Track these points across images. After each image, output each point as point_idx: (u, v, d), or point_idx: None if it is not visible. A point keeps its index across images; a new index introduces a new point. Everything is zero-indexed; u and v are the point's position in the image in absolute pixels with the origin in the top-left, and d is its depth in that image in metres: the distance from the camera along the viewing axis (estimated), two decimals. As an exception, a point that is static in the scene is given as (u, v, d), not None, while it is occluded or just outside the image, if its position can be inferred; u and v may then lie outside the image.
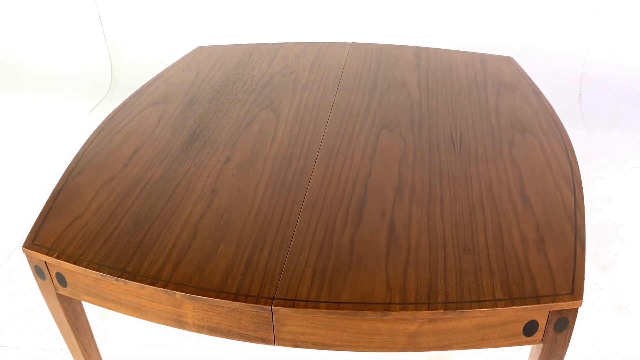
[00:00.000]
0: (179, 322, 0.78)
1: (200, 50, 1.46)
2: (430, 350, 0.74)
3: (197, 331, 0.77)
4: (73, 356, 0.96)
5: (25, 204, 2.20)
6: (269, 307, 0.71)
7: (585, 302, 1.60)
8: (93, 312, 1.10)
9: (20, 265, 1.83)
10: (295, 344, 0.75)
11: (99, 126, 1.13)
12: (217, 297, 0.72)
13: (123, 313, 0.81)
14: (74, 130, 2.64)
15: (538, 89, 1.22)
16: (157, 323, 0.79)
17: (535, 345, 0.79)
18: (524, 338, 0.74)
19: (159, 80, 1.30)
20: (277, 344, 0.75)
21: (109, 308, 0.82)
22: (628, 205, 2.00)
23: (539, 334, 0.74)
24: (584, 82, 2.52)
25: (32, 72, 2.97)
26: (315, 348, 0.75)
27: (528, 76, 1.28)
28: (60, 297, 0.86)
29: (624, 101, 2.54)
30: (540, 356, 0.76)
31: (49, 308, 0.89)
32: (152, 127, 1.11)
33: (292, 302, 0.71)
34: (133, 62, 2.76)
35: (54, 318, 0.90)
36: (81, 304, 0.93)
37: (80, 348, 0.93)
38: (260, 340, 0.75)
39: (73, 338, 0.92)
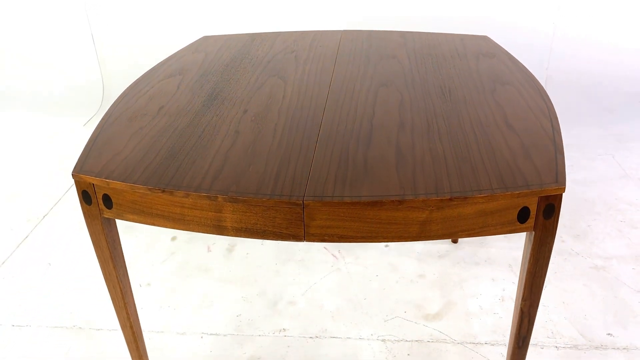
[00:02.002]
0: (219, 228, 0.88)
1: (205, 38, 1.59)
2: (439, 238, 0.86)
3: (235, 235, 0.88)
4: (108, 286, 1.04)
5: (24, 204, 2.26)
6: (301, 202, 0.82)
7: (564, 265, 1.74)
8: (106, 290, 1.16)
9: (20, 265, 1.89)
10: (322, 238, 0.86)
11: (122, 93, 1.24)
12: (254, 196, 0.83)
13: (167, 227, 0.90)
14: (69, 139, 2.72)
15: (514, 57, 1.39)
16: (199, 232, 0.89)
17: (527, 241, 0.92)
18: (519, 225, 0.86)
19: (170, 60, 1.43)
20: (307, 240, 0.86)
21: (154, 224, 0.91)
22: (596, 185, 2.17)
23: (530, 221, 0.86)
24: (549, 85, 2.73)
25: (24, 91, 3.05)
26: (340, 241, 0.86)
27: (503, 48, 1.44)
28: (104, 222, 0.96)
29: (586, 101, 2.76)
30: (532, 245, 0.89)
31: (91, 236, 0.98)
32: (172, 92, 1.23)
33: (320, 198, 0.83)
34: (124, 76, 2.88)
35: (95, 247, 0.99)
36: (119, 238, 1.02)
37: (116, 277, 1.02)
38: (292, 237, 0.86)
39: (111, 266, 1.00)
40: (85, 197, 0.94)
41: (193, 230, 0.90)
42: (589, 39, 2.71)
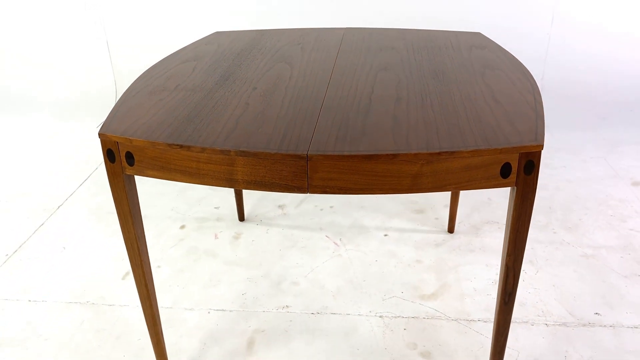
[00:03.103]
0: (231, 181, 0.97)
1: (217, 33, 1.71)
2: (430, 190, 0.95)
3: (245, 187, 0.97)
4: (126, 243, 1.13)
5: (40, 197, 2.36)
6: (305, 156, 0.92)
7: (555, 253, 1.82)
8: (117, 271, 1.22)
9: (36, 249, 1.98)
10: (324, 189, 0.95)
11: (140, 75, 1.34)
12: (263, 151, 0.93)
13: (184, 181, 1.00)
14: (82, 140, 2.83)
15: (504, 48, 1.49)
16: (212, 185, 0.98)
17: (510, 198, 1.00)
18: (502, 180, 0.95)
19: (184, 50, 1.54)
20: (310, 192, 0.95)
21: (172, 179, 1.00)
22: (588, 184, 2.26)
23: (512, 177, 0.95)
24: (544, 93, 2.84)
25: (40, 95, 3.18)
26: (339, 193, 0.95)
27: (495, 42, 1.55)
28: (126, 180, 1.05)
29: (580, 109, 2.86)
30: (515, 200, 0.98)
31: (112, 194, 1.07)
32: (188, 73, 1.33)
33: (322, 152, 0.92)
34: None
35: (116, 204, 1.08)
36: (138, 196, 1.11)
37: (134, 234, 1.11)
38: (296, 189, 0.95)
39: (130, 223, 1.09)
40: (110, 155, 1.03)
41: (207, 184, 0.99)
42: (582, 49, 2.83)
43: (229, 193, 2.22)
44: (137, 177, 2.35)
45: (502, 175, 0.95)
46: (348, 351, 1.44)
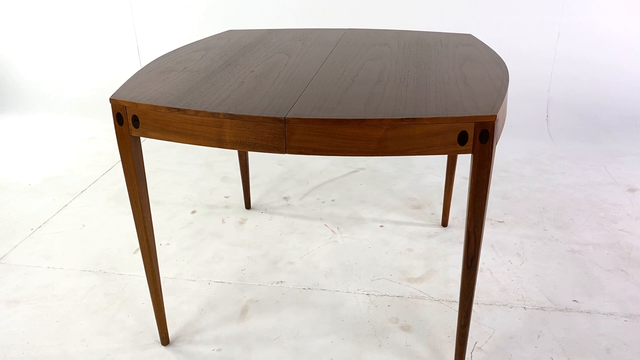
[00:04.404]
0: (220, 141, 1.10)
1: (229, 31, 1.87)
2: (393, 154, 1.06)
3: (232, 147, 1.10)
4: (131, 201, 1.27)
5: (66, 183, 2.54)
6: (283, 119, 1.05)
7: (542, 247, 1.90)
8: (130, 246, 1.35)
9: (58, 225, 2.15)
10: (300, 150, 1.07)
11: (152, 61, 1.50)
12: (248, 114, 1.06)
13: (180, 142, 1.14)
14: (106, 136, 3.03)
15: (490, 48, 1.60)
16: (205, 145, 1.12)
17: (470, 166, 1.11)
18: (459, 147, 1.06)
19: (197, 42, 1.70)
20: (288, 152, 1.08)
21: (170, 139, 1.15)
22: (584, 189, 2.32)
23: (469, 144, 1.06)
24: (550, 105, 2.92)
25: (68, 95, 3.40)
26: (314, 154, 1.07)
27: (484, 43, 1.66)
28: (132, 141, 1.20)
29: (585, 122, 2.93)
30: (472, 168, 1.08)
31: (120, 155, 1.22)
32: (196, 60, 1.48)
33: (299, 116, 1.05)
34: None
35: (123, 163, 1.23)
36: (142, 158, 1.26)
37: (138, 192, 1.25)
38: (275, 149, 1.08)
39: (135, 181, 1.24)
40: (119, 118, 1.18)
41: (200, 144, 1.12)
42: (588, 63, 2.91)
43: (238, 184, 2.36)
44: (155, 170, 2.52)
45: (459, 142, 1.06)
46: (333, 322, 1.54)
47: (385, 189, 2.32)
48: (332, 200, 2.22)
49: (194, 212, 2.15)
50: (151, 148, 2.77)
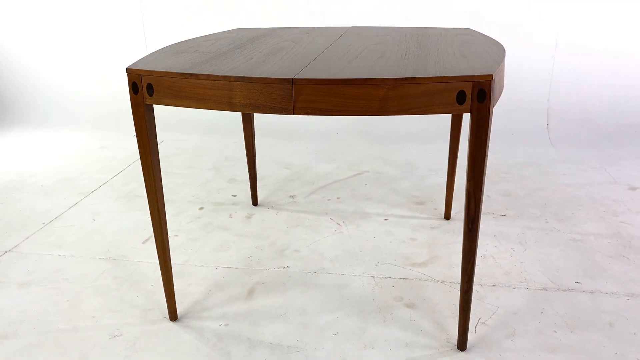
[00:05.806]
0: (230, 104, 1.16)
1: (238, 28, 1.96)
2: (395, 113, 1.12)
3: (242, 109, 1.16)
4: (143, 170, 1.32)
5: (78, 184, 2.59)
6: (291, 80, 1.11)
7: (545, 237, 1.93)
8: (139, 237, 1.41)
9: (70, 219, 2.19)
10: (306, 111, 1.13)
11: (166, 46, 1.58)
12: (258, 76, 1.12)
13: (192, 107, 1.20)
14: (119, 146, 3.10)
15: (490, 37, 1.67)
16: (216, 109, 1.17)
17: (468, 127, 1.16)
18: (458, 106, 1.11)
19: (207, 35, 1.78)
20: (295, 113, 1.13)
21: (182, 105, 1.20)
22: (586, 188, 2.36)
23: (467, 104, 1.11)
24: (550, 113, 2.98)
25: (81, 108, 3.49)
26: (320, 114, 1.12)
27: (482, 34, 1.74)
28: (146, 110, 1.26)
29: (585, 129, 2.98)
30: (470, 127, 1.13)
31: (134, 123, 1.28)
32: (208, 45, 1.56)
33: (306, 77, 1.11)
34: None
35: (137, 131, 1.28)
36: (155, 126, 1.32)
37: (151, 161, 1.30)
38: (283, 110, 1.13)
39: (148, 149, 1.29)
40: (134, 88, 1.25)
41: (211, 108, 1.18)
42: (586, 71, 2.98)
43: (245, 185, 2.41)
44: (165, 174, 2.57)
45: (458, 101, 1.11)
46: (339, 300, 1.56)
47: (389, 188, 2.37)
48: (338, 198, 2.27)
49: (201, 208, 2.19)
50: (161, 154, 2.83)
